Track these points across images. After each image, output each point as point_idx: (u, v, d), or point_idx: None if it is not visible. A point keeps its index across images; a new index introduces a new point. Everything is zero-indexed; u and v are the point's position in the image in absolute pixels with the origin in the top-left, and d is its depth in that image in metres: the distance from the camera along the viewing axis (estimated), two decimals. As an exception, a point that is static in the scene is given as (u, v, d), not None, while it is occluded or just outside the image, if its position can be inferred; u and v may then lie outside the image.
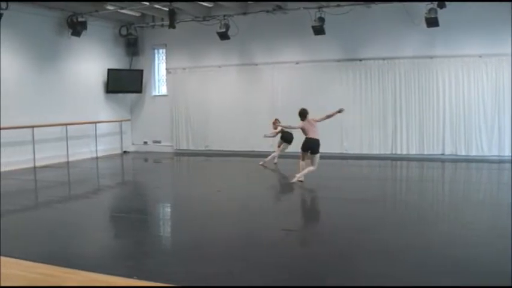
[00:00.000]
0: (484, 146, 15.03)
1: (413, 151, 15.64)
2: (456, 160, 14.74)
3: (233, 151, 17.59)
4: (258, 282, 5.45)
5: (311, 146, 11.31)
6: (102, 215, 9.43)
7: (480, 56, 14.82)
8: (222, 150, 17.86)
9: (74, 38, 16.03)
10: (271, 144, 17.16)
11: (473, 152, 15.09)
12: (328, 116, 11.47)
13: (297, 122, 11.46)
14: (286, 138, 14.10)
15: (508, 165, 14.12)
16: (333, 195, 10.40)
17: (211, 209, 9.18)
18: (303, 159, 11.58)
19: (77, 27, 15.87)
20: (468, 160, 14.63)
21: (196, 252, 6.55)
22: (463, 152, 15.06)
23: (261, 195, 10.74)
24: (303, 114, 11.50)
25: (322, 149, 16.45)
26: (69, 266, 5.40)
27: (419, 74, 15.58)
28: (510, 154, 14.65)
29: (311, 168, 11.34)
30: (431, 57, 15.35)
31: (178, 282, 5.30)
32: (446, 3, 13.65)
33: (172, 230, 8.47)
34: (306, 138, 11.38)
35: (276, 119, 14.34)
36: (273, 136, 14.49)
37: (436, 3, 13.74)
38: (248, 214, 8.99)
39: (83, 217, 9.01)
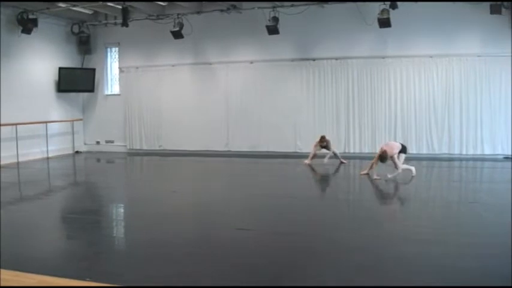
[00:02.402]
0: (435, 144, 15.41)
1: (366, 149, 15.89)
2: (407, 159, 14.98)
3: (187, 151, 17.51)
4: (208, 282, 5.44)
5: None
6: (54, 216, 9.27)
7: (431, 57, 15.19)
8: (176, 150, 17.75)
9: (24, 35, 15.61)
10: (226, 143, 17.23)
11: (424, 151, 15.47)
12: None
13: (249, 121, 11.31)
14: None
15: (457, 163, 14.54)
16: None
17: (165, 210, 9.14)
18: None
19: (27, 25, 15.47)
20: (419, 158, 14.90)
21: (151, 252, 6.50)
22: (414, 151, 15.33)
23: (216, 195, 10.71)
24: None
25: (275, 147, 16.74)
26: (20, 269, 5.30)
27: (372, 73, 15.87)
28: (459, 152, 15.12)
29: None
30: (383, 57, 15.64)
31: (131, 283, 5.26)
32: (398, 3, 13.92)
33: (126, 230, 8.37)
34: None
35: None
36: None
37: (388, 3, 13.99)
38: (202, 214, 9.00)
39: (34, 219, 8.81)
